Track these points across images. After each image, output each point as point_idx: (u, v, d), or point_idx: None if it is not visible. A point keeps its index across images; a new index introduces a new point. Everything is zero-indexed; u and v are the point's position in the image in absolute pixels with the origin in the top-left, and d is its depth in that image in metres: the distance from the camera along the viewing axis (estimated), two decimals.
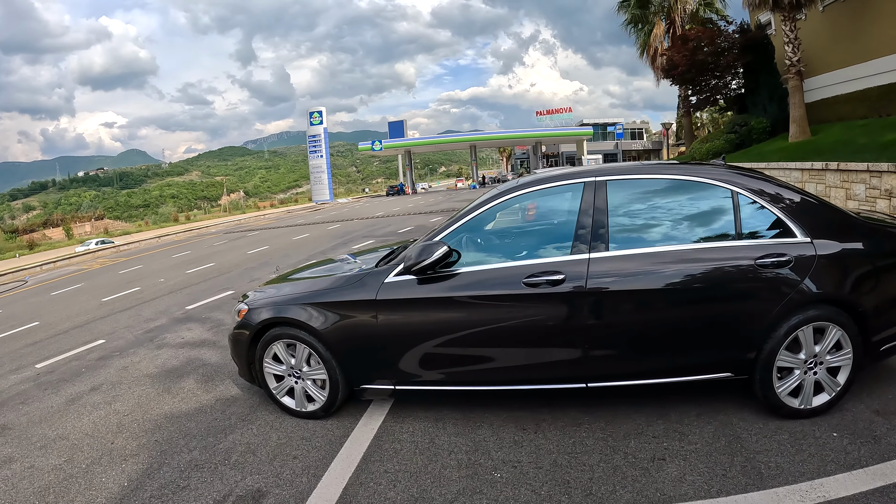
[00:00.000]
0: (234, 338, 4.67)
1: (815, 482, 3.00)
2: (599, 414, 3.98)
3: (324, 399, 4.30)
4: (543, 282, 3.63)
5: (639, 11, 32.83)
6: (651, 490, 3.04)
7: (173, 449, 4.16)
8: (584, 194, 3.84)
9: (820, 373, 3.67)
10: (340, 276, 4.40)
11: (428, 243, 3.83)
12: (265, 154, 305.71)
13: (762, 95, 23.00)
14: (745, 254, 3.59)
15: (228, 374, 5.76)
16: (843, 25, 19.00)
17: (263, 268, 14.30)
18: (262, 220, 45.34)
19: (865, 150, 11.89)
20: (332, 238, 20.66)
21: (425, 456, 3.66)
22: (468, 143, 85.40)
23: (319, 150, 78.15)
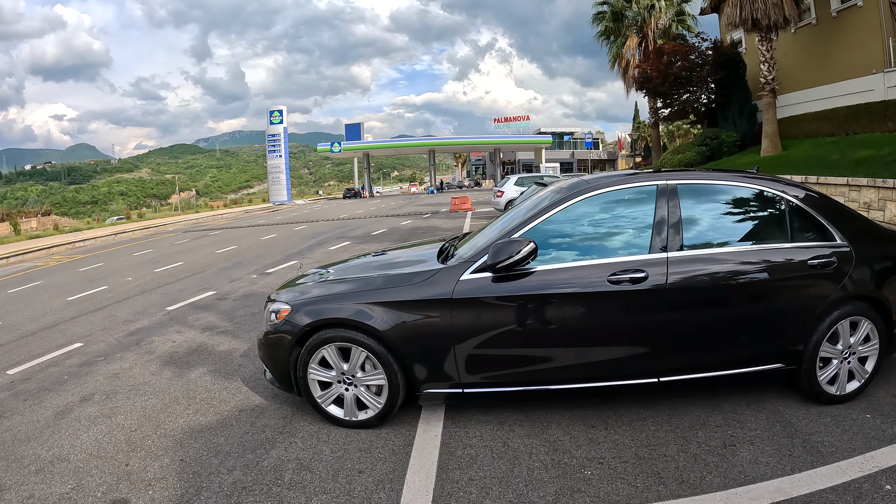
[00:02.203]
0: (270, 342, 4.60)
1: (866, 455, 3.76)
2: (659, 408, 4.56)
3: (380, 406, 4.35)
4: (627, 279, 4.07)
5: (612, 24, 35.27)
6: (734, 473, 3.64)
7: (207, 470, 3.97)
8: (657, 197, 4.36)
9: (852, 362, 4.50)
10: (406, 273, 4.52)
11: (508, 240, 4.09)
12: (217, 153, 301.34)
13: (733, 110, 24.98)
14: (799, 255, 4.36)
15: (243, 380, 5.73)
16: (813, 48, 21.27)
17: (239, 267, 14.53)
18: (220, 220, 45.32)
19: (839, 166, 13.29)
20: (304, 239, 21.27)
21: (506, 460, 3.85)
22: (427, 147, 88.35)
23: (279, 150, 78.12)
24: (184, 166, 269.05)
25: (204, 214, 58.60)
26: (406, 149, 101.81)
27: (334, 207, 50.41)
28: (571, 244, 4.43)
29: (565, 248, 4.40)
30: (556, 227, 4.43)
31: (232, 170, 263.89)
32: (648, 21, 33.33)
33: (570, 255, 4.34)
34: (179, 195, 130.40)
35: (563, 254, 4.35)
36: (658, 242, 4.25)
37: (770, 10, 18.98)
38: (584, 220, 4.51)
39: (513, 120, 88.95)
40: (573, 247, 4.41)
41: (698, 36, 28.93)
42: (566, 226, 4.47)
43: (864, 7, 18.95)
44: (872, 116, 16.98)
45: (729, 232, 4.51)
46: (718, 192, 4.61)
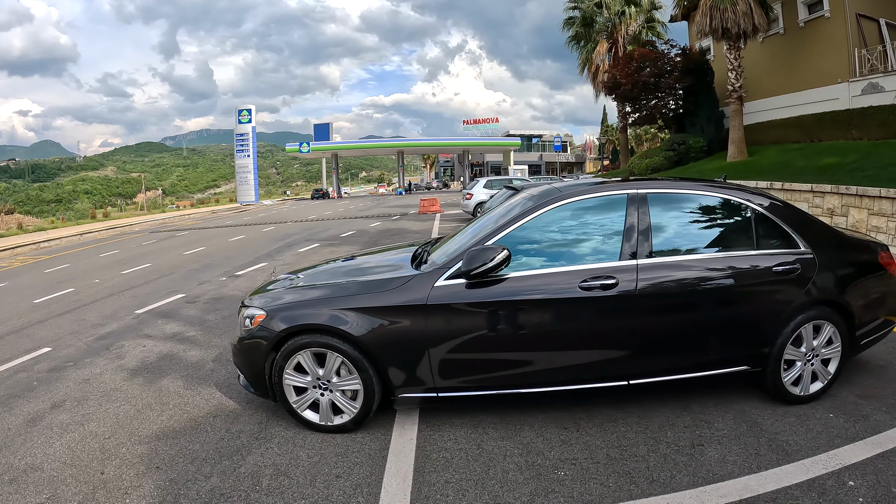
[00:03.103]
0: (245, 347, 4.62)
1: (829, 453, 3.95)
2: (630, 410, 4.71)
3: (355, 411, 4.41)
4: (598, 286, 4.21)
5: (583, 29, 35.71)
6: (703, 472, 3.78)
7: (184, 477, 3.95)
8: (628, 206, 4.54)
9: (816, 364, 4.73)
10: (381, 279, 4.59)
11: (482, 248, 4.19)
12: (184, 151, 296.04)
13: (700, 116, 25.55)
14: (764, 262, 4.55)
15: (216, 385, 5.71)
16: (780, 57, 21.94)
17: (208, 269, 14.39)
18: (187, 220, 44.81)
19: (805, 172, 13.67)
20: (273, 240, 21.09)
21: (480, 462, 3.94)
22: (396, 148, 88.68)
23: (247, 150, 77.49)
24: (150, 165, 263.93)
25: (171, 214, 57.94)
26: (375, 150, 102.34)
27: (303, 208, 50.22)
28: (543, 251, 4.55)
29: (537, 255, 4.52)
30: (529, 235, 4.55)
31: (199, 169, 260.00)
32: (619, 27, 33.84)
33: (542, 262, 4.47)
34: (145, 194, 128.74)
35: (536, 261, 4.47)
36: (628, 249, 4.40)
37: (740, 19, 19.41)
38: (556, 228, 4.62)
39: (482, 122, 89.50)
40: (545, 254, 4.54)
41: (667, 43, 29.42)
42: (538, 233, 4.59)
43: (832, 18, 19.55)
44: (837, 124, 17.49)
45: (697, 239, 4.69)
46: (687, 200, 4.79)
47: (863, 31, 19.00)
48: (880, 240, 9.03)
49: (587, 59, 35.63)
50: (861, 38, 18.88)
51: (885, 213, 9.22)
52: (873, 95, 16.99)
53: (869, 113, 16.28)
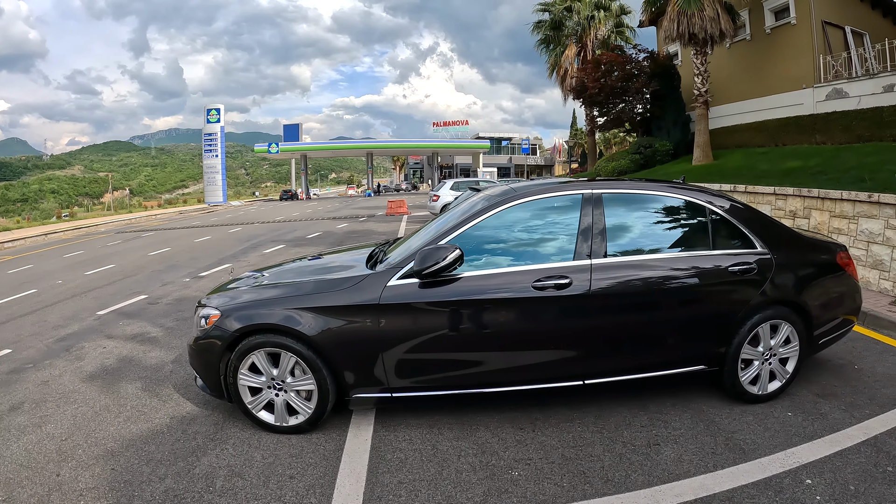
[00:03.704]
0: (200, 348, 4.57)
1: (787, 452, 3.97)
2: (587, 409, 4.71)
3: (310, 411, 4.37)
4: (551, 285, 4.22)
5: (552, 33, 35.76)
6: (658, 471, 3.77)
7: (139, 479, 3.90)
8: (582, 206, 4.55)
9: (773, 363, 4.76)
10: (335, 279, 4.54)
11: (435, 247, 4.17)
12: (152, 151, 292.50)
13: (667, 120, 25.80)
14: (720, 262, 4.57)
15: (174, 387, 5.66)
16: (747, 63, 22.26)
17: (172, 270, 14.25)
18: (154, 221, 44.31)
19: (768, 175, 13.87)
20: (239, 241, 20.98)
21: (434, 463, 3.94)
22: (365, 150, 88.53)
23: (215, 150, 76.87)
24: (118, 164, 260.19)
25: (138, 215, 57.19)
26: (344, 151, 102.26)
27: (270, 209, 50.04)
28: (498, 251, 4.55)
29: (492, 254, 4.52)
30: (484, 234, 4.55)
31: (167, 169, 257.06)
32: (588, 31, 34.05)
33: (497, 261, 4.46)
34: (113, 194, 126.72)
35: (490, 260, 4.47)
36: (583, 249, 4.41)
37: (707, 24, 19.67)
38: (512, 228, 4.62)
39: (451, 124, 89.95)
40: (500, 253, 4.53)
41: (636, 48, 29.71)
42: (493, 233, 4.58)
43: (798, 25, 19.89)
44: (802, 129, 17.83)
45: (652, 240, 4.68)
46: (643, 201, 4.80)
47: (828, 38, 19.38)
48: (841, 241, 9.17)
49: (556, 63, 35.72)
50: (826, 44, 19.25)
51: (847, 216, 9.37)
52: (837, 101, 17.30)
53: (833, 118, 16.60)
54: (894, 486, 3.52)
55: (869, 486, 3.53)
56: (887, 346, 6.31)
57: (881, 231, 8.61)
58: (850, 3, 20.95)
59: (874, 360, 5.83)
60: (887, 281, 8.42)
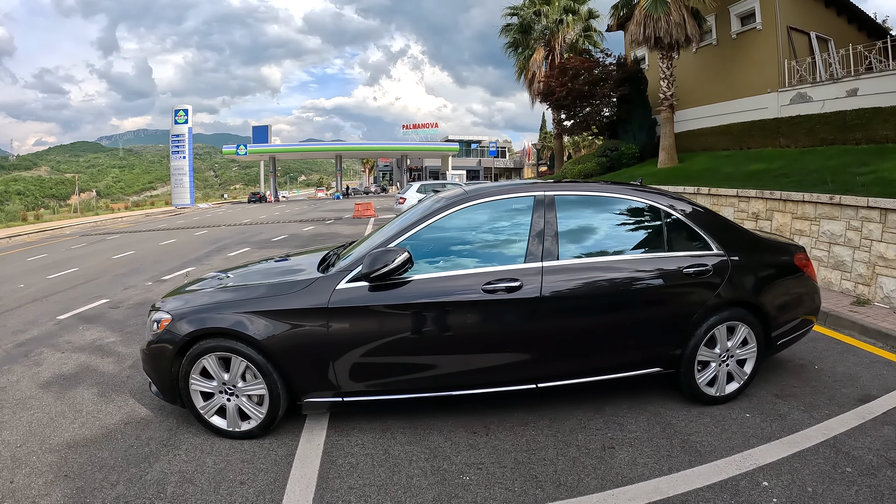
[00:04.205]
0: (151, 352, 4.50)
1: (744, 453, 3.93)
2: (543, 412, 4.64)
3: (262, 416, 4.31)
4: (501, 288, 4.16)
5: (520, 36, 35.82)
6: (612, 475, 3.71)
7: (91, 485, 3.84)
8: (534, 208, 4.49)
9: (731, 364, 4.73)
10: (285, 282, 4.47)
11: (384, 250, 4.13)
12: (120, 152, 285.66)
13: (633, 124, 25.97)
14: (674, 264, 4.53)
15: (130, 392, 5.57)
16: (713, 67, 22.57)
17: (135, 274, 14.01)
18: (119, 224, 43.48)
19: (732, 178, 14.00)
20: (204, 244, 20.70)
21: (386, 468, 3.89)
22: (334, 152, 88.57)
23: (183, 151, 75.39)
24: (85, 165, 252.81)
25: (104, 217, 56.20)
26: (313, 153, 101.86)
27: (238, 212, 49.38)
28: (449, 253, 4.53)
29: (443, 257, 4.50)
30: (436, 237, 4.52)
31: (135, 170, 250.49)
32: (556, 35, 34.10)
33: (448, 264, 4.43)
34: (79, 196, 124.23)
35: (441, 263, 4.44)
36: (534, 252, 4.37)
37: (672, 29, 19.83)
38: (464, 230, 4.60)
39: (421, 127, 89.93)
40: (451, 256, 4.50)
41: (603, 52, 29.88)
42: (445, 235, 4.56)
43: (763, 31, 20.16)
44: (766, 132, 18.07)
45: (607, 242, 4.64)
46: (598, 203, 4.76)
47: (793, 43, 19.66)
48: (803, 242, 9.28)
49: (524, 67, 35.81)
50: (791, 50, 19.53)
51: (808, 217, 9.46)
52: (801, 105, 17.54)
53: (797, 121, 16.83)
54: (853, 488, 3.50)
55: (827, 488, 3.50)
56: (848, 346, 6.36)
57: (842, 232, 8.68)
58: (816, 10, 21.35)
59: (835, 359, 5.85)
60: (848, 281, 8.49)
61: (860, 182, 9.81)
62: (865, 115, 14.24)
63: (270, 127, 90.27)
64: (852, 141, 14.45)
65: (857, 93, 15.52)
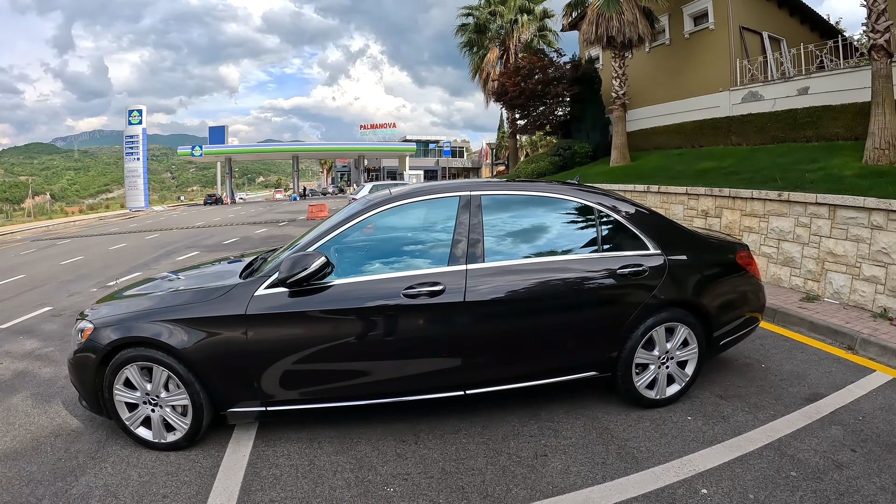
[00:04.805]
0: (76, 362, 4.33)
1: (683, 459, 3.79)
2: (475, 419, 4.46)
3: (186, 427, 4.17)
4: (424, 293, 4.01)
5: (476, 36, 35.86)
6: (542, 484, 3.55)
7: (17, 500, 3.75)
8: (459, 208, 4.33)
9: (671, 366, 4.59)
10: (203, 290, 4.33)
11: (302, 254, 3.99)
12: (75, 154, 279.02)
13: (587, 123, 26.13)
14: (608, 265, 4.39)
15: (64, 404, 5.39)
16: (666, 66, 22.73)
17: (82, 280, 13.63)
18: (72, 228, 42.14)
19: (682, 176, 14.02)
20: (154, 248, 20.35)
21: (309, 479, 3.76)
22: (291, 153, 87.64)
23: (136, 153, 73.77)
24: (39, 167, 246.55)
25: (57, 221, 54.88)
26: (271, 154, 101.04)
27: (193, 214, 48.67)
28: (373, 257, 4.44)
29: (366, 260, 4.41)
30: (357, 240, 4.45)
31: (91, 172, 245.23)
32: (511, 35, 34.21)
33: (371, 268, 4.31)
34: (34, 199, 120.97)
35: (363, 267, 4.34)
36: (458, 254, 4.23)
37: (625, 28, 19.89)
38: (386, 232, 4.51)
39: (379, 127, 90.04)
40: (375, 259, 4.40)
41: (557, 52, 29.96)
42: (368, 238, 4.48)
43: (716, 31, 20.36)
44: (718, 131, 18.21)
45: (537, 243, 4.50)
46: (528, 203, 4.63)
47: (745, 43, 19.88)
48: (752, 239, 9.28)
49: (478, 66, 35.89)
50: (744, 49, 19.73)
51: (757, 214, 9.48)
52: (753, 103, 17.71)
53: (748, 120, 16.97)
54: (798, 493, 3.40)
55: (770, 494, 3.39)
56: (796, 343, 6.31)
57: (791, 229, 8.69)
58: (769, 10, 21.64)
59: (782, 357, 5.79)
60: (798, 278, 8.49)
61: (809, 179, 9.85)
62: (816, 113, 14.39)
63: (227, 127, 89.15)
64: (803, 138, 14.60)
65: (808, 91, 15.71)
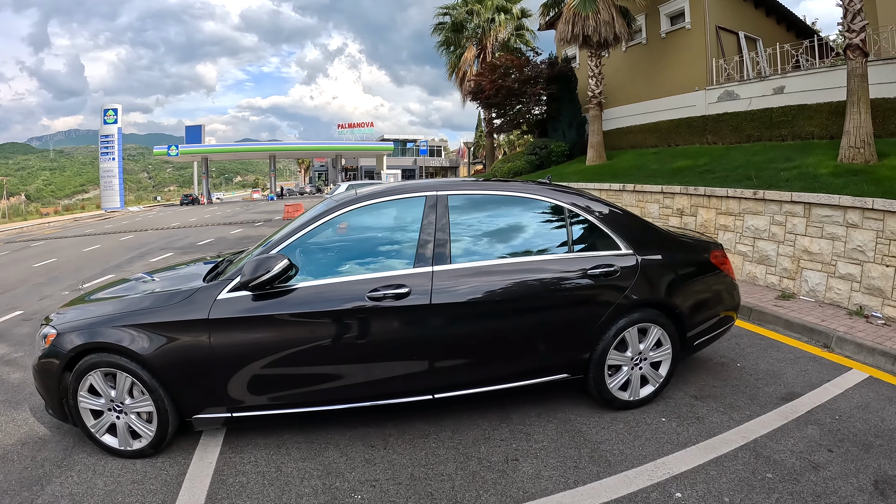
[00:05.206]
0: (40, 368, 4.23)
1: (657, 462, 3.73)
2: (445, 423, 4.37)
3: (151, 434, 4.07)
4: (389, 295, 3.93)
5: (453, 35, 35.77)
6: (513, 490, 3.47)
7: None
8: (426, 208, 4.25)
9: (645, 367, 4.53)
10: (166, 293, 4.24)
11: (265, 257, 3.90)
12: (51, 153, 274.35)
13: (563, 122, 26.19)
14: (578, 265, 4.32)
15: (31, 411, 5.25)
16: (642, 66, 22.84)
17: (54, 283, 13.34)
18: (46, 229, 41.51)
19: (657, 175, 14.08)
20: (127, 250, 20.03)
21: (276, 487, 3.67)
22: (268, 152, 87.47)
23: (112, 153, 73.18)
24: (14, 167, 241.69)
25: (31, 222, 54.06)
26: (248, 153, 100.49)
27: (169, 215, 47.83)
28: (336, 259, 4.36)
29: (330, 262, 4.34)
30: (321, 241, 4.35)
31: (66, 173, 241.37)
32: (488, 34, 34.20)
33: (334, 270, 4.25)
34: (8, 200, 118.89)
35: (327, 269, 4.26)
36: (424, 255, 4.15)
37: (601, 27, 19.92)
38: (351, 234, 4.45)
39: (357, 126, 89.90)
40: (338, 261, 4.33)
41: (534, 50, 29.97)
42: (332, 239, 4.38)
43: (692, 30, 20.47)
44: (693, 130, 18.26)
45: (506, 244, 4.43)
46: (497, 203, 4.56)
47: (721, 42, 20.00)
48: (728, 238, 9.28)
49: (455, 65, 35.89)
50: (720, 49, 19.86)
51: (733, 213, 9.50)
52: (728, 102, 17.82)
53: (723, 119, 17.02)
54: (774, 495, 3.35)
55: (746, 497, 3.34)
56: (772, 342, 6.28)
57: (766, 227, 8.69)
58: (745, 10, 21.80)
59: (757, 356, 5.76)
60: (773, 276, 8.49)
61: (784, 177, 9.87)
62: (791, 112, 14.46)
63: (204, 127, 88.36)
64: (778, 137, 14.68)
65: (784, 90, 15.83)
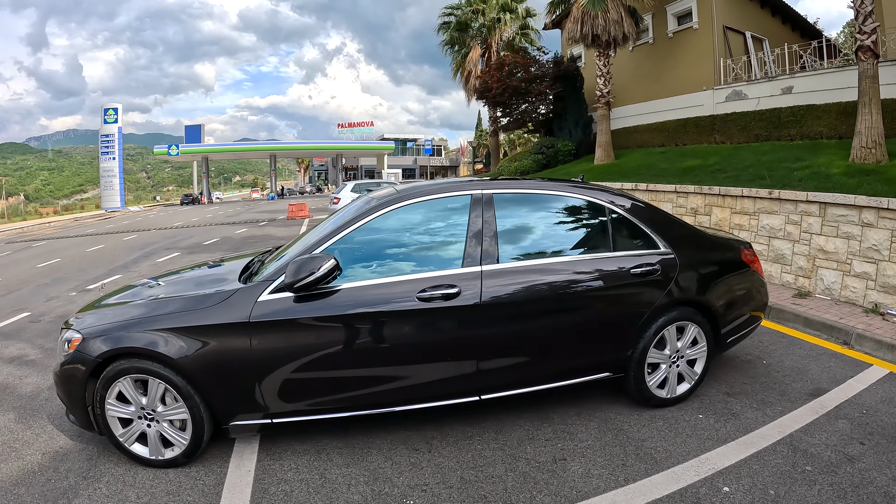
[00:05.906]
0: (63, 375, 4.04)
1: (701, 458, 3.79)
2: (486, 424, 4.38)
3: (185, 442, 3.93)
4: (438, 296, 3.89)
5: (457, 34, 35.67)
6: (566, 489, 3.49)
7: None
8: (472, 208, 4.24)
9: (682, 365, 4.60)
10: (199, 295, 4.11)
11: (309, 257, 3.80)
12: (49, 153, 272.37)
13: (569, 121, 26.18)
14: (622, 264, 4.36)
15: (49, 417, 5.11)
16: (649, 65, 22.89)
17: (59, 284, 13.26)
18: (47, 229, 41.19)
19: (667, 174, 14.14)
20: (132, 250, 19.79)
21: (322, 494, 3.57)
22: (268, 152, 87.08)
23: (112, 152, 72.97)
24: (13, 168, 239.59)
25: (31, 223, 53.83)
26: (247, 153, 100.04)
27: (170, 215, 47.62)
28: (381, 259, 4.22)
29: (375, 263, 4.19)
30: (366, 240, 4.21)
31: (65, 172, 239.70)
32: (493, 33, 34.16)
33: (380, 270, 4.12)
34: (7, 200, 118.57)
35: (372, 270, 4.13)
36: (472, 255, 4.11)
37: (610, 26, 19.92)
38: (397, 233, 4.30)
39: (356, 125, 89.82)
40: (383, 262, 4.20)
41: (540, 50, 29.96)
42: (376, 238, 4.24)
43: (700, 30, 20.52)
44: (701, 129, 18.29)
45: (550, 242, 4.43)
46: (539, 202, 4.55)
47: (729, 42, 20.05)
48: (743, 237, 9.30)
49: (460, 64, 35.82)
50: (727, 48, 19.90)
51: (748, 212, 9.58)
52: (736, 102, 17.88)
53: (731, 118, 17.05)
54: (815, 487, 3.41)
55: (789, 489, 3.40)
56: (793, 339, 6.36)
57: (782, 226, 8.77)
58: (751, 10, 21.83)
59: (781, 353, 5.82)
60: (789, 274, 8.57)
61: (797, 177, 9.92)
62: (799, 112, 14.51)
63: (203, 126, 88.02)
64: (786, 137, 14.72)
65: (792, 90, 15.89)
